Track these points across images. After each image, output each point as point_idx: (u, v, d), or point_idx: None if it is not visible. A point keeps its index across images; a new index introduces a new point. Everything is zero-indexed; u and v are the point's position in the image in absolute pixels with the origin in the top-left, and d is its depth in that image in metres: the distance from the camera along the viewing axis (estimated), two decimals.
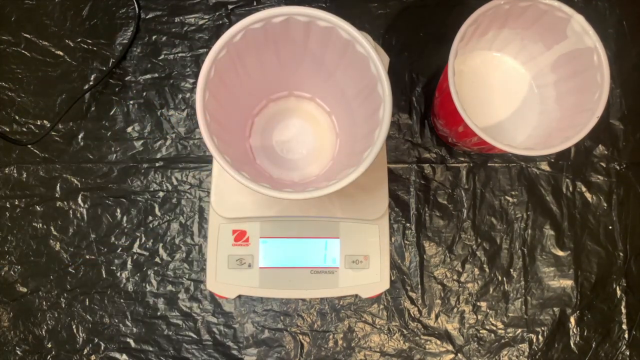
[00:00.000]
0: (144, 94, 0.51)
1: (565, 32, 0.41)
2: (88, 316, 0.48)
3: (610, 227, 0.50)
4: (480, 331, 0.49)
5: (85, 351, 0.48)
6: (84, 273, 0.49)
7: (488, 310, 0.49)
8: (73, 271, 0.49)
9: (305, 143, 0.45)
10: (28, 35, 0.51)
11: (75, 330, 0.48)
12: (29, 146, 0.50)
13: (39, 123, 0.50)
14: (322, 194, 0.33)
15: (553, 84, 0.45)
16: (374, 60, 0.35)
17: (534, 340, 0.49)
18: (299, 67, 0.42)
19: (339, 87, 0.42)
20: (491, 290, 0.49)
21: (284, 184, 0.43)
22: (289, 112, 0.45)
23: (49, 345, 0.48)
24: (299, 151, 0.44)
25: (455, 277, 0.50)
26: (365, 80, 0.37)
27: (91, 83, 0.51)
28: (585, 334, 0.49)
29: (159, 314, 0.49)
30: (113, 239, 0.49)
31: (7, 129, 0.50)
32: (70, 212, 0.50)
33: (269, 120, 0.45)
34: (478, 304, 0.49)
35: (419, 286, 0.49)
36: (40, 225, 0.49)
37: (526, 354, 0.49)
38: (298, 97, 0.45)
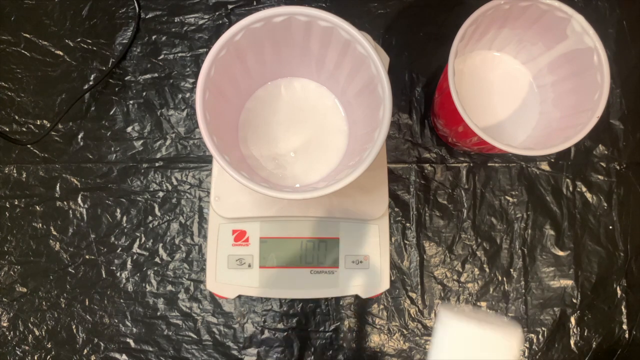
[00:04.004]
0: (144, 93, 0.51)
1: (565, 32, 0.41)
2: (88, 316, 0.48)
3: (610, 227, 0.50)
4: None
5: (85, 351, 0.48)
6: (84, 273, 0.49)
7: (488, 310, 0.49)
8: (73, 271, 0.49)
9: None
10: (28, 35, 0.51)
11: (75, 331, 0.48)
12: (29, 146, 0.50)
13: (38, 123, 0.50)
14: (321, 194, 0.33)
15: (553, 83, 0.45)
16: (374, 60, 0.35)
17: (534, 340, 0.49)
18: (299, 66, 0.42)
19: (339, 87, 0.42)
20: (491, 290, 0.49)
21: (284, 184, 0.43)
22: None
23: (49, 346, 0.48)
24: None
25: (455, 277, 0.49)
26: (365, 80, 0.37)
27: (91, 83, 0.51)
28: (585, 334, 0.49)
29: (158, 314, 0.49)
30: (113, 239, 0.49)
31: (7, 129, 0.50)
32: (70, 212, 0.50)
33: None
34: (478, 304, 0.49)
35: (419, 286, 0.49)
36: (40, 225, 0.49)
37: (526, 354, 0.49)
38: None
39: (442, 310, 0.33)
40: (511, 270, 0.50)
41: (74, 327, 0.48)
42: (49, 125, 0.50)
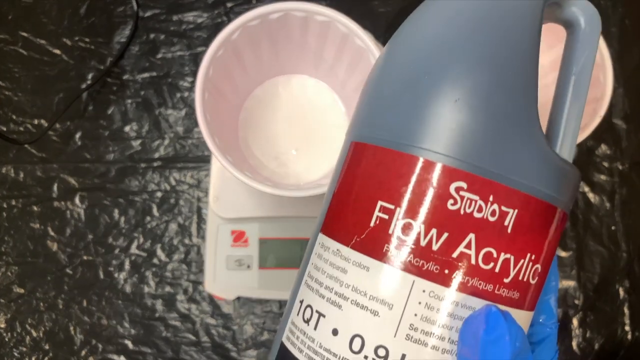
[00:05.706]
0: (142, 93, 0.51)
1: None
2: (86, 317, 0.48)
3: (613, 228, 0.50)
4: None
5: (83, 353, 0.48)
6: (82, 274, 0.49)
7: None
8: (70, 272, 0.49)
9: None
10: (25, 34, 0.51)
11: (72, 332, 0.48)
12: (26, 146, 0.50)
13: (36, 122, 0.50)
14: (323, 192, 0.33)
15: (554, 83, 0.44)
16: (373, 52, 0.35)
17: None
18: (297, 63, 0.42)
19: (339, 82, 0.42)
20: None
21: (287, 182, 0.43)
22: None
23: (47, 347, 0.48)
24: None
25: None
26: (365, 73, 0.37)
27: (89, 82, 0.50)
28: (587, 335, 0.49)
29: (157, 315, 0.48)
30: (111, 239, 0.49)
31: (4, 128, 0.50)
32: (68, 212, 0.49)
33: None
34: None
35: None
36: (38, 225, 0.49)
37: None
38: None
39: None
40: None
41: (71, 328, 0.48)
42: (46, 124, 0.50)
